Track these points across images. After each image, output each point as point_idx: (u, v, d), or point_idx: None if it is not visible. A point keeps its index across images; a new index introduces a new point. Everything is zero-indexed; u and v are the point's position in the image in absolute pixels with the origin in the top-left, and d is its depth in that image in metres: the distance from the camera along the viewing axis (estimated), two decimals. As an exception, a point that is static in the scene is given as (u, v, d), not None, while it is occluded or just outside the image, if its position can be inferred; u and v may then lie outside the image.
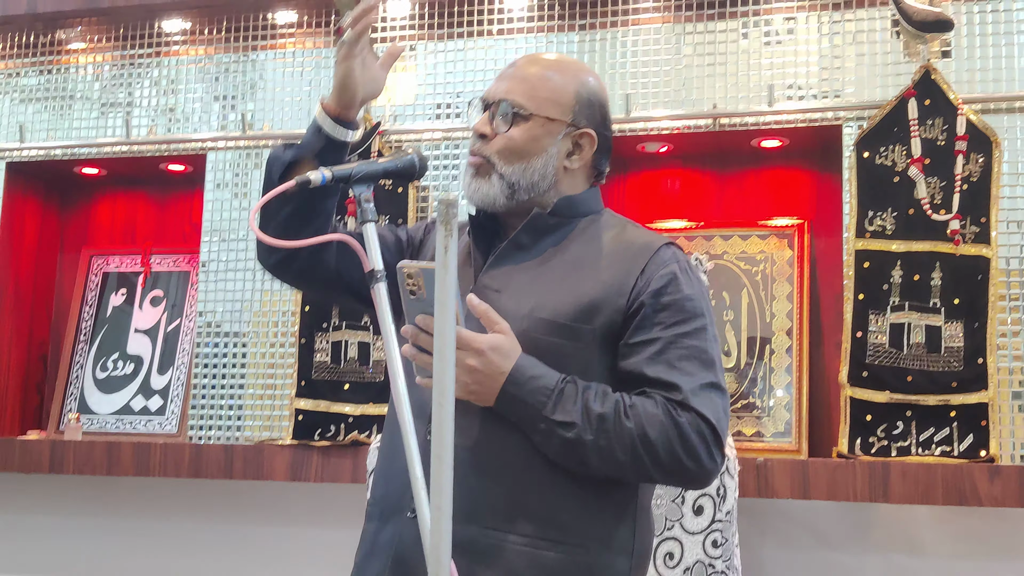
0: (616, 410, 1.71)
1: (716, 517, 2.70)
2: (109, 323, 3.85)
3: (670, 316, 1.77)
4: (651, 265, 1.80)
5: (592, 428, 1.70)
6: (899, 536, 3.09)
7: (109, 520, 3.70)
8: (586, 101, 1.89)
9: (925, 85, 2.99)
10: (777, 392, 3.18)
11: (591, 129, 1.89)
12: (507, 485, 1.75)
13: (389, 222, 3.32)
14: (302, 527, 3.51)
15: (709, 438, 1.72)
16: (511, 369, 1.71)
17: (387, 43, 3.46)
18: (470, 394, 1.72)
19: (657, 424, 1.71)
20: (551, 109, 1.87)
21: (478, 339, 1.70)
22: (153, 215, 3.96)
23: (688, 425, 1.71)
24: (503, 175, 1.86)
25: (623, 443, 1.70)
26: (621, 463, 1.71)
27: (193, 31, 3.66)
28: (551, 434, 1.71)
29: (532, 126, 1.86)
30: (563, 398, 1.72)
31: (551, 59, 1.94)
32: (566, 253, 1.85)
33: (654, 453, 1.71)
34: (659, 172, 3.49)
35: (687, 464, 1.72)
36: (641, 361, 1.75)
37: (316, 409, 3.31)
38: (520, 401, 1.71)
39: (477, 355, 1.70)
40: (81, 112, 3.76)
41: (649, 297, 1.77)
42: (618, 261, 1.82)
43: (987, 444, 2.83)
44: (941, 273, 2.93)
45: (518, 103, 1.86)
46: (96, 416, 3.74)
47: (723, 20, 3.22)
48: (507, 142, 1.86)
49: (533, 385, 1.71)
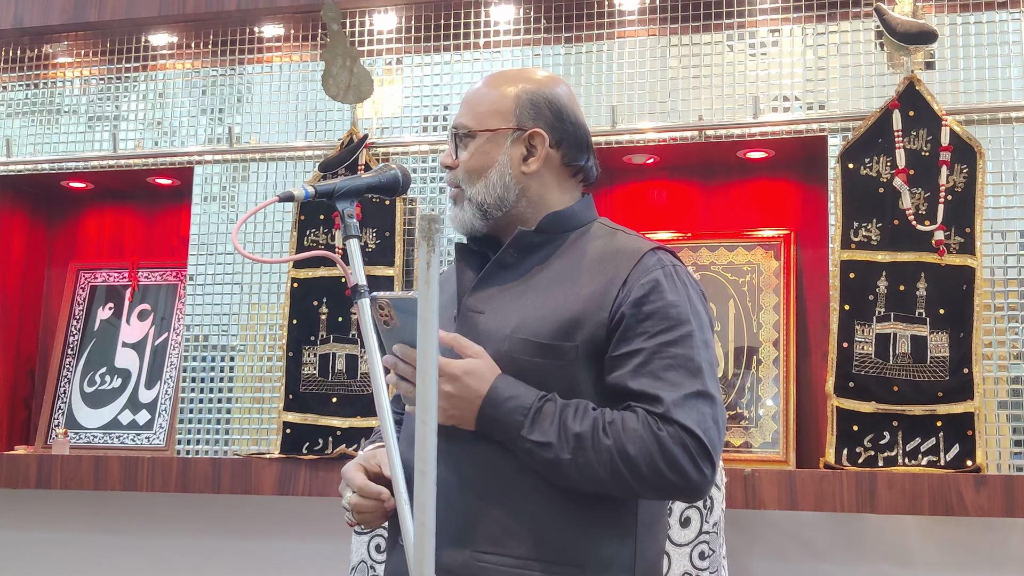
0: (594, 427, 1.69)
1: (703, 529, 2.70)
2: (97, 337, 3.85)
3: (653, 325, 1.74)
4: (633, 273, 1.78)
5: (569, 447, 1.68)
6: (886, 546, 3.10)
7: (97, 535, 3.69)
8: (527, 102, 1.88)
9: (909, 96, 3.00)
10: (765, 402, 3.18)
11: (539, 127, 1.87)
12: (499, 508, 1.74)
13: (377, 235, 3.32)
14: (291, 541, 3.51)
15: (694, 450, 1.69)
16: (487, 391, 1.71)
17: (375, 56, 3.47)
18: (450, 419, 1.72)
19: (637, 439, 1.68)
20: (491, 120, 1.88)
21: (452, 365, 1.70)
22: (140, 229, 3.96)
23: (669, 439, 1.68)
24: (470, 198, 1.88)
25: (602, 460, 1.68)
26: (602, 480, 1.69)
27: (180, 45, 3.66)
28: (531, 454, 1.71)
29: (479, 142, 1.88)
30: (540, 417, 1.70)
31: (495, 74, 1.95)
32: (550, 270, 1.84)
33: (635, 469, 1.68)
34: (645, 184, 3.50)
35: (671, 478, 1.68)
36: (625, 375, 1.73)
37: (304, 422, 3.31)
38: (498, 422, 1.71)
39: (451, 381, 1.70)
40: (68, 126, 3.76)
41: (630, 307, 1.75)
42: (600, 273, 1.80)
43: (973, 454, 2.84)
44: (926, 283, 2.94)
45: (463, 125, 1.90)
46: (84, 431, 3.73)
47: (708, 32, 3.23)
48: (464, 165, 1.89)
49: (510, 406, 1.71)
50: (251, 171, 3.53)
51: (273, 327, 3.42)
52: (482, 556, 1.72)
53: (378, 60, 3.47)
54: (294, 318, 3.36)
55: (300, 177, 3.46)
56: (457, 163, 1.90)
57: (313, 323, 3.35)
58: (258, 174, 3.52)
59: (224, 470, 3.29)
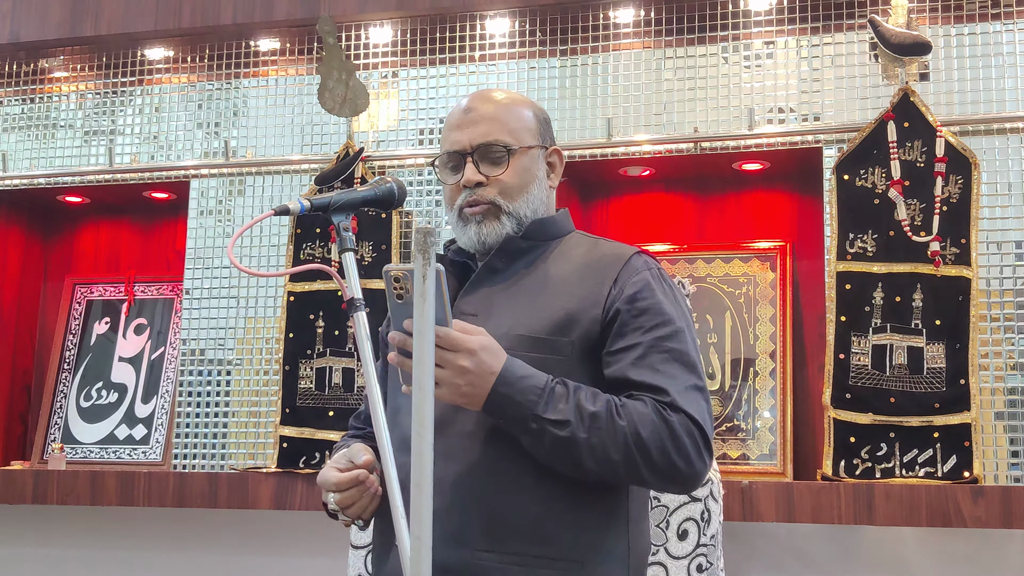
0: (608, 409, 1.72)
1: (701, 541, 2.70)
2: (93, 352, 3.84)
3: (648, 320, 1.79)
4: (623, 273, 1.84)
5: (585, 426, 1.70)
6: (884, 558, 3.09)
7: (94, 550, 3.68)
8: (544, 121, 1.99)
9: (904, 108, 3.01)
10: (762, 414, 3.18)
11: (556, 146, 1.99)
12: (497, 506, 1.74)
13: (374, 247, 3.32)
14: (288, 555, 3.50)
15: (699, 439, 1.74)
16: (501, 369, 1.70)
17: (371, 69, 3.47)
18: (461, 396, 1.70)
19: (649, 423, 1.71)
20: (527, 137, 1.93)
21: (470, 340, 1.68)
22: (137, 243, 3.96)
23: (679, 425, 1.72)
24: (511, 212, 1.90)
25: (616, 442, 1.70)
26: (614, 463, 1.71)
27: (176, 59, 3.67)
28: (543, 433, 1.70)
29: (520, 158, 1.91)
30: (554, 397, 1.71)
31: (501, 94, 1.99)
32: (538, 272, 1.88)
33: (646, 453, 1.71)
34: (641, 196, 3.50)
35: (679, 464, 1.72)
36: (625, 366, 1.77)
37: (301, 436, 3.31)
38: (511, 401, 1.70)
39: (469, 355, 1.67)
40: (64, 140, 3.76)
41: (624, 303, 1.80)
42: (591, 274, 1.85)
43: (970, 465, 2.84)
44: (922, 294, 2.94)
45: (503, 141, 1.90)
46: (80, 445, 3.72)
47: (703, 44, 3.24)
48: (505, 180, 1.90)
49: (524, 384, 1.70)
50: (247, 185, 3.53)
51: (269, 341, 3.42)
52: (481, 555, 1.73)
53: (374, 73, 3.47)
54: (290, 332, 3.36)
55: (296, 191, 3.46)
56: (488, 178, 1.90)
57: (309, 337, 3.35)
58: (254, 188, 3.52)
59: (221, 485, 3.29)
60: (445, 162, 1.93)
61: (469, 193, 1.89)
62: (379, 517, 1.86)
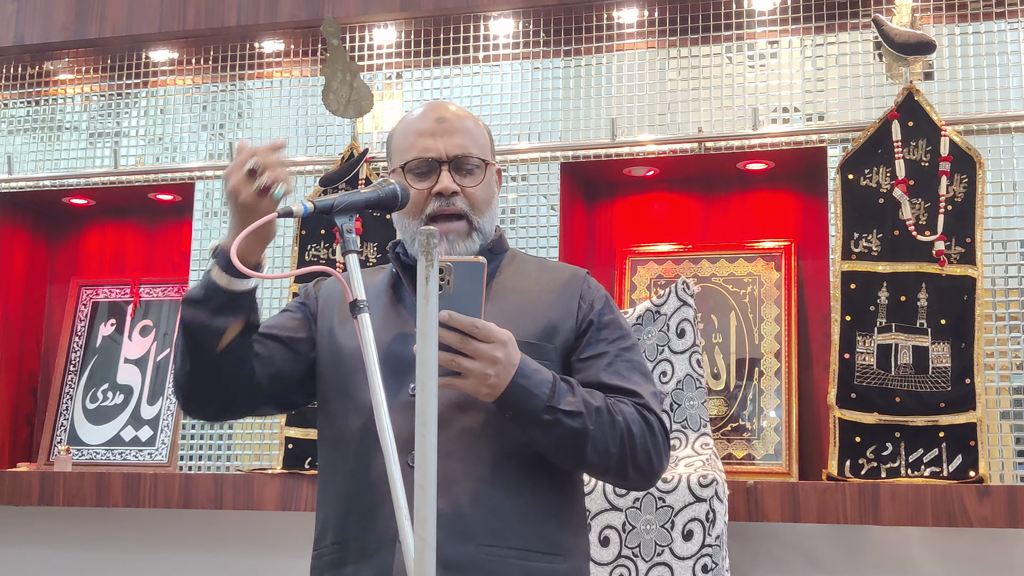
0: (607, 405, 1.83)
1: (706, 542, 2.70)
2: (99, 353, 3.85)
3: (611, 333, 1.94)
4: (586, 289, 1.97)
5: (592, 419, 1.80)
6: (890, 558, 3.09)
7: (99, 552, 3.68)
8: (492, 138, 2.04)
9: (908, 107, 3.01)
10: (767, 414, 3.18)
11: None
12: (498, 503, 1.82)
13: (378, 248, 3.32)
14: (293, 557, 3.49)
15: (665, 440, 1.90)
16: (519, 360, 1.77)
17: (375, 70, 3.47)
18: (487, 386, 1.74)
19: (637, 422, 1.85)
20: (488, 153, 1.99)
21: (501, 331, 1.73)
22: (142, 245, 3.96)
23: (656, 425, 1.88)
24: (479, 228, 1.95)
25: (615, 436, 1.82)
26: (611, 455, 1.82)
27: (181, 61, 3.67)
28: (555, 425, 1.78)
29: (488, 174, 1.97)
30: (562, 390, 1.80)
31: (452, 107, 2.01)
32: (508, 283, 1.96)
33: (634, 449, 1.84)
34: (646, 196, 3.50)
35: (654, 461, 1.87)
36: (598, 371, 1.90)
37: (306, 437, 3.30)
38: (528, 392, 1.76)
39: (502, 346, 1.73)
40: (69, 143, 3.77)
41: (595, 316, 1.94)
42: (558, 287, 1.96)
43: (976, 464, 2.83)
44: (927, 294, 2.93)
45: (474, 155, 1.95)
46: (86, 447, 3.73)
47: (707, 44, 3.24)
48: (477, 194, 1.94)
49: (539, 377, 1.78)
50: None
51: (274, 342, 3.41)
52: (487, 549, 1.79)
53: (378, 75, 3.48)
54: (295, 333, 3.36)
55: (301, 192, 3.47)
56: (462, 189, 1.93)
57: (314, 338, 3.34)
58: (259, 189, 3.51)
59: (226, 486, 3.29)
60: (413, 168, 1.94)
61: (444, 202, 1.92)
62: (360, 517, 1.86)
